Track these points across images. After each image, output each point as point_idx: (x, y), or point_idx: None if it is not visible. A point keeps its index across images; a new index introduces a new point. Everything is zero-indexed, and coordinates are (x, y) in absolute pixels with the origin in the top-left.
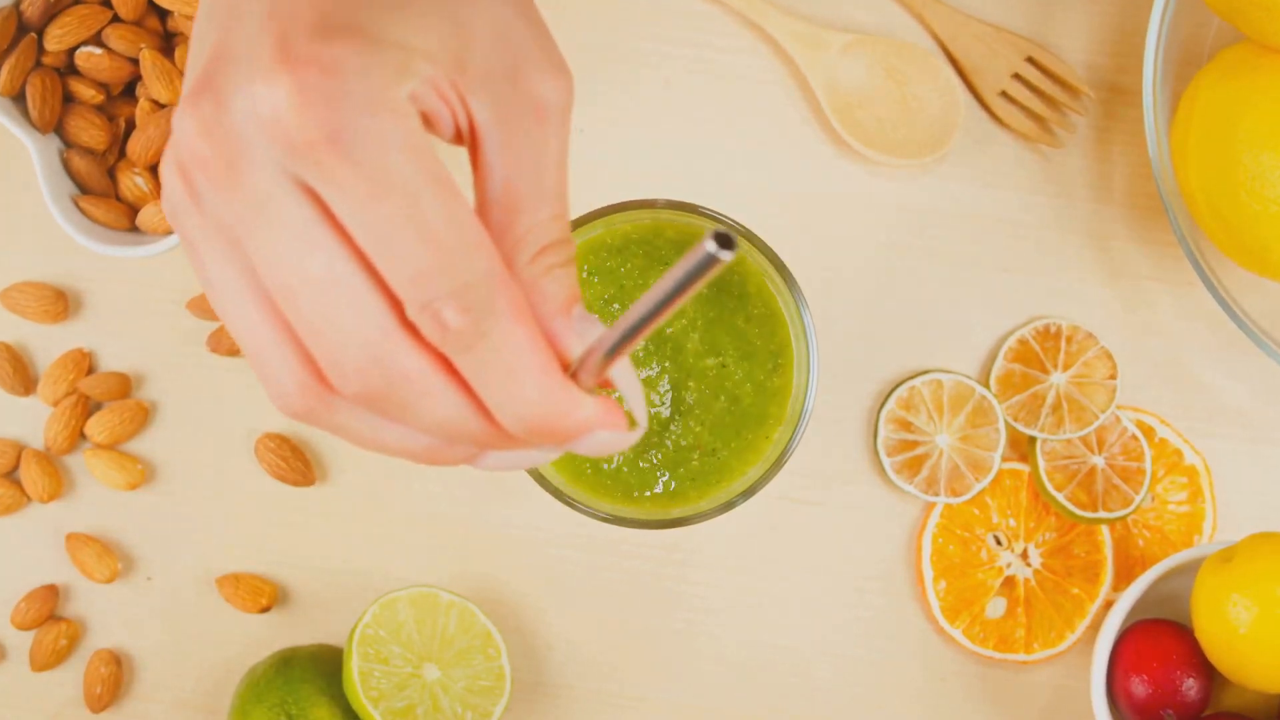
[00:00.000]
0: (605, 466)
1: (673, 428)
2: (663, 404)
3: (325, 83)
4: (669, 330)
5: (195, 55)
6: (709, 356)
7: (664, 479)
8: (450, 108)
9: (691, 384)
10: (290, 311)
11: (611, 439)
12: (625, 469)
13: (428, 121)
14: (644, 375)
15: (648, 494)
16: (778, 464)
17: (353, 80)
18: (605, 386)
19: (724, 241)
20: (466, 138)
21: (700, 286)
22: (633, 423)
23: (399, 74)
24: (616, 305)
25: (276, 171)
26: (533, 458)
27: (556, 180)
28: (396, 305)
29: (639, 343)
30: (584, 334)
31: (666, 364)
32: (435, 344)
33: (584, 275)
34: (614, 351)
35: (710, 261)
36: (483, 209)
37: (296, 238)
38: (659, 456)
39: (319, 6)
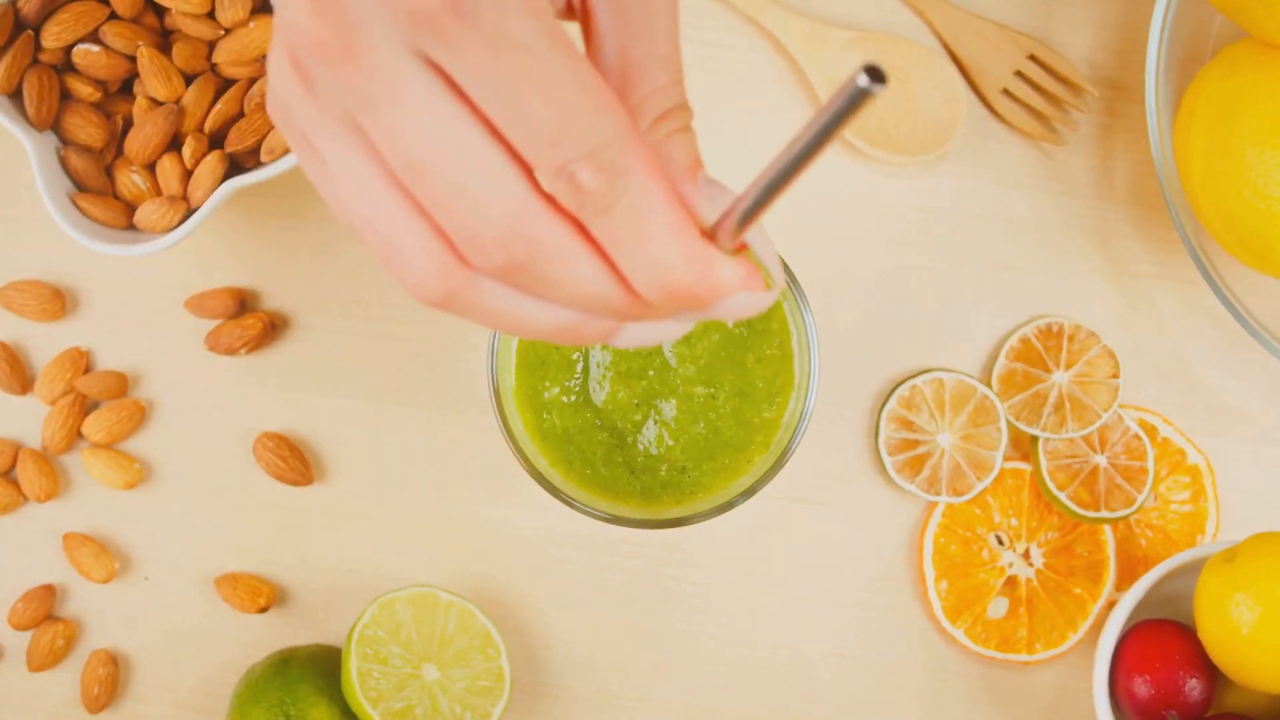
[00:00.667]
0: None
1: (645, 432)
2: (639, 409)
3: None
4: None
5: None
6: (700, 384)
7: (636, 485)
8: None
9: (674, 400)
10: (421, 190)
11: (752, 300)
12: (601, 468)
13: None
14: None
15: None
16: (778, 464)
17: None
18: (739, 249)
19: (875, 75)
20: (578, 8)
21: (849, 127)
22: (769, 283)
23: None
24: None
25: (398, 46)
26: (670, 330)
27: (670, 46)
28: (530, 173)
29: (780, 198)
30: (712, 197)
31: (651, 375)
32: (572, 209)
33: None
34: (753, 211)
35: (862, 96)
36: (601, 66)
37: (424, 111)
38: (623, 457)
39: None
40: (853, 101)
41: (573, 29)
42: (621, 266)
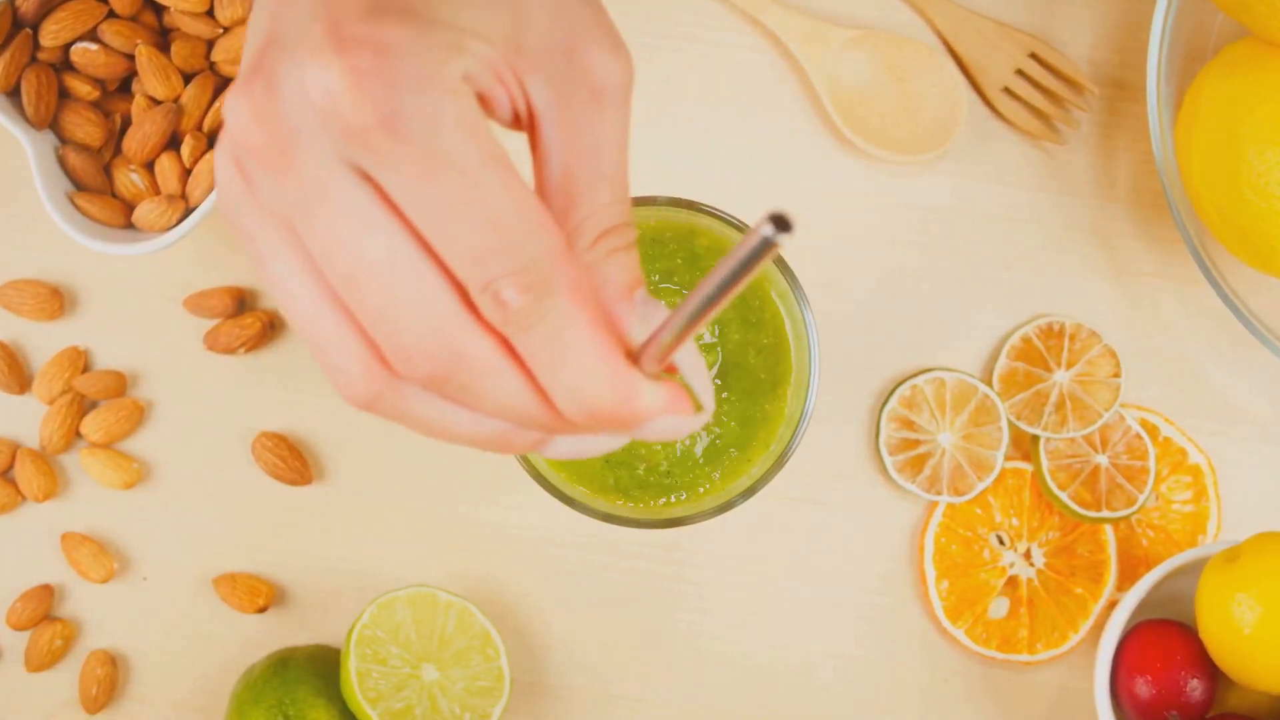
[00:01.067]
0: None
1: None
2: None
3: (378, 64)
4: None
5: (249, 42)
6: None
7: (636, 484)
8: (507, 89)
9: None
10: (351, 298)
11: (676, 424)
12: (601, 467)
13: (484, 103)
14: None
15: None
16: (779, 463)
17: (405, 61)
18: (669, 371)
19: (781, 224)
20: (524, 120)
21: (758, 271)
22: (698, 406)
23: (452, 54)
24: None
25: (331, 156)
26: (600, 444)
27: (617, 162)
28: (458, 287)
29: (701, 328)
30: (647, 318)
31: None
32: (497, 325)
33: None
34: (676, 338)
35: (766, 246)
36: (542, 193)
37: (354, 222)
38: (623, 456)
39: None
40: (757, 252)
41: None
42: (544, 385)
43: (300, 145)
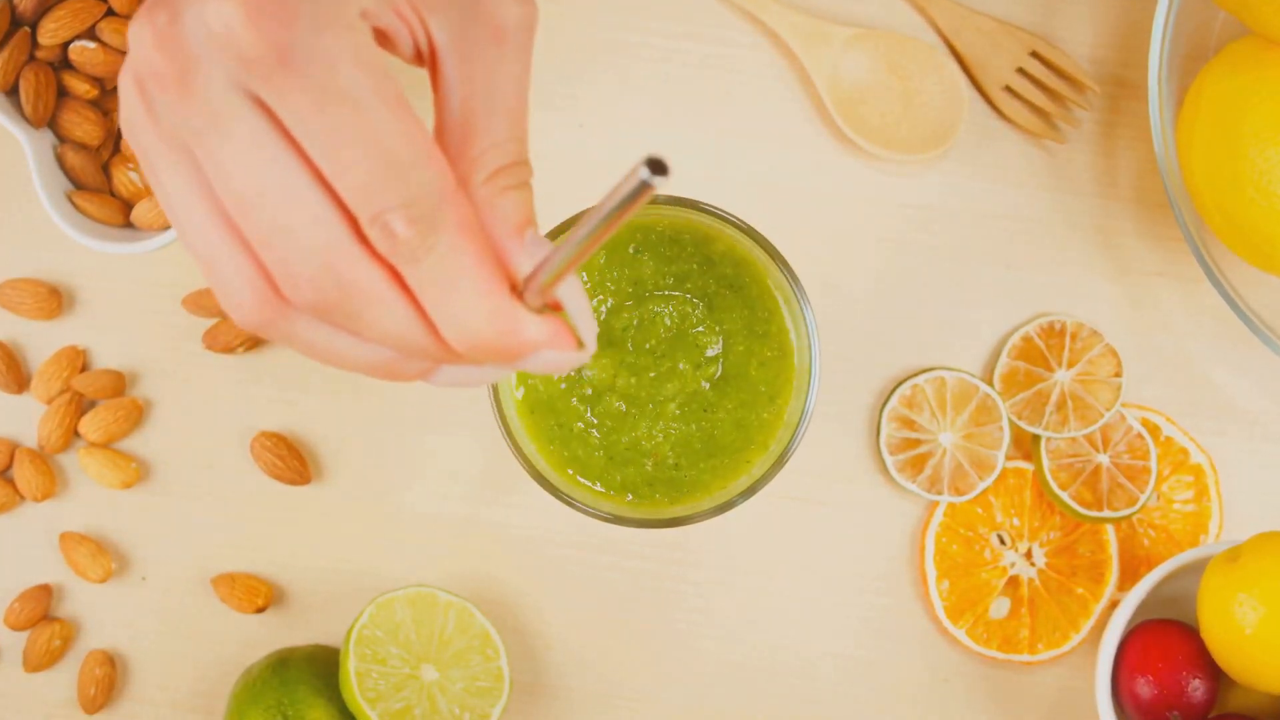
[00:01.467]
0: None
1: (645, 433)
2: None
3: (276, 1)
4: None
5: None
6: (704, 390)
7: (635, 484)
8: (409, 26)
9: (677, 401)
10: (243, 222)
11: (557, 359)
12: (601, 465)
13: (385, 39)
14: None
15: (629, 496)
16: (779, 463)
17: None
18: (553, 307)
19: (657, 168)
20: (426, 57)
21: (634, 213)
22: (580, 343)
23: None
24: (611, 302)
25: (229, 84)
26: (486, 374)
27: (515, 101)
28: (349, 217)
29: (578, 265)
30: (535, 255)
31: (652, 376)
32: (386, 255)
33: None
34: (557, 274)
35: (642, 189)
36: (441, 130)
37: (249, 148)
38: (623, 457)
39: None
40: (633, 194)
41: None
42: (430, 315)
43: (200, 72)
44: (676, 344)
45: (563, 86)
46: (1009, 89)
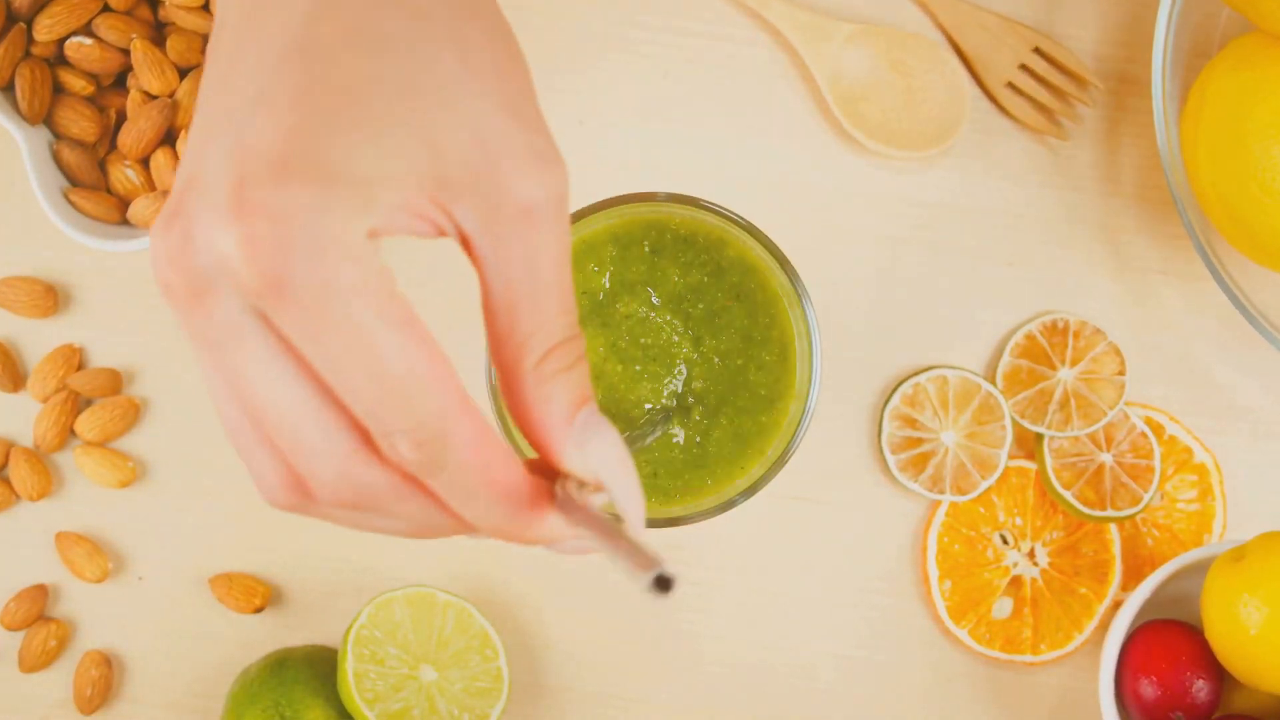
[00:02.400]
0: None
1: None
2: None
3: (273, 231)
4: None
5: (180, 168)
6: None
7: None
8: (433, 222)
9: (675, 403)
10: (263, 427)
11: (581, 545)
12: None
13: (413, 233)
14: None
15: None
16: (780, 462)
17: (301, 227)
18: (596, 488)
19: (662, 584)
20: (459, 242)
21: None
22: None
23: (356, 212)
24: (618, 303)
25: (239, 304)
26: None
27: (555, 277)
28: (362, 428)
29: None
30: (585, 441)
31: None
32: (401, 466)
33: (591, 269)
34: (580, 530)
35: (647, 588)
36: (488, 309)
37: (261, 364)
38: None
39: (285, 142)
40: (637, 580)
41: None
42: (453, 509)
43: (211, 291)
44: (665, 364)
45: (563, 82)
46: (1012, 85)
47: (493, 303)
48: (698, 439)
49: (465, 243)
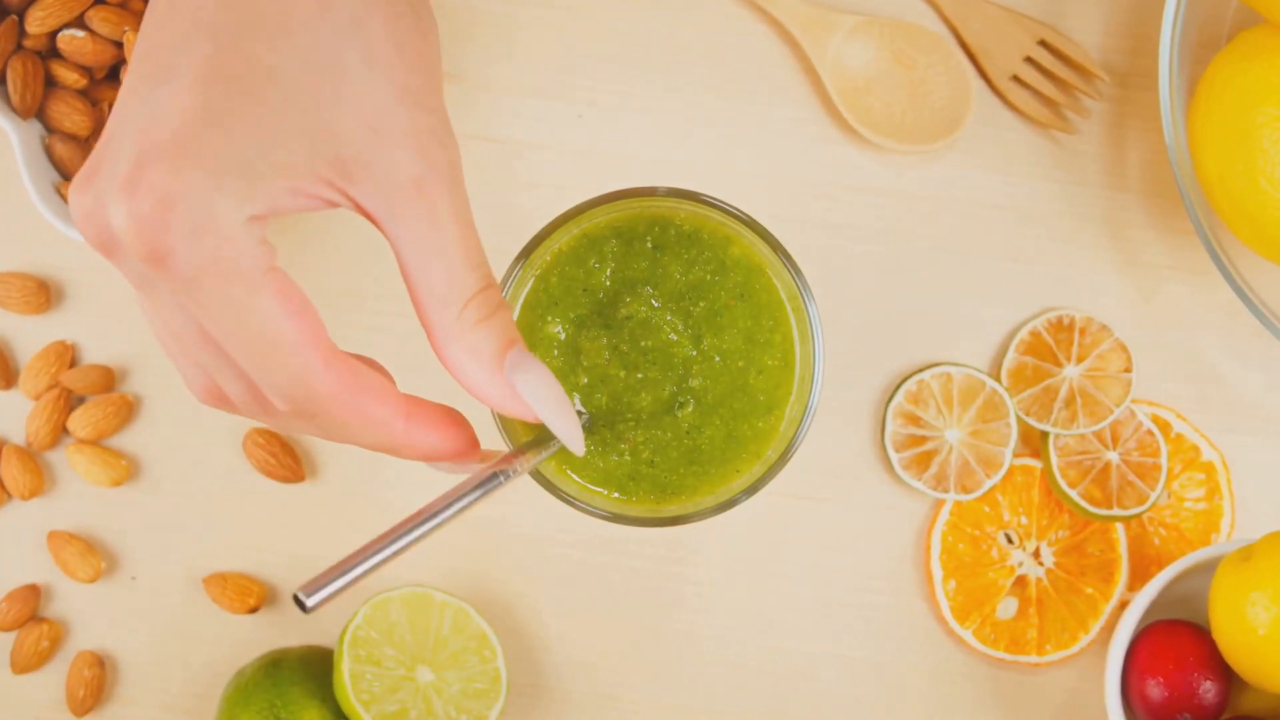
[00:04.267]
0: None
1: (639, 434)
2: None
3: (158, 212)
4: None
5: (109, 121)
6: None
7: (631, 481)
8: (327, 200)
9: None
10: (184, 350)
11: (565, 433)
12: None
13: (305, 209)
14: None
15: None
16: (782, 460)
17: (184, 211)
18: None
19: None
20: (371, 221)
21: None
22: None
23: (242, 199)
24: (619, 303)
25: (140, 263)
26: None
27: (458, 236)
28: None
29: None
30: (516, 381)
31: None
32: None
33: (592, 265)
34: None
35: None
36: (406, 280)
37: (168, 309)
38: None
39: (184, 125)
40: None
41: None
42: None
43: (119, 249)
44: (664, 364)
45: (561, 76)
46: (1017, 78)
47: (407, 271)
48: (688, 432)
49: (373, 220)
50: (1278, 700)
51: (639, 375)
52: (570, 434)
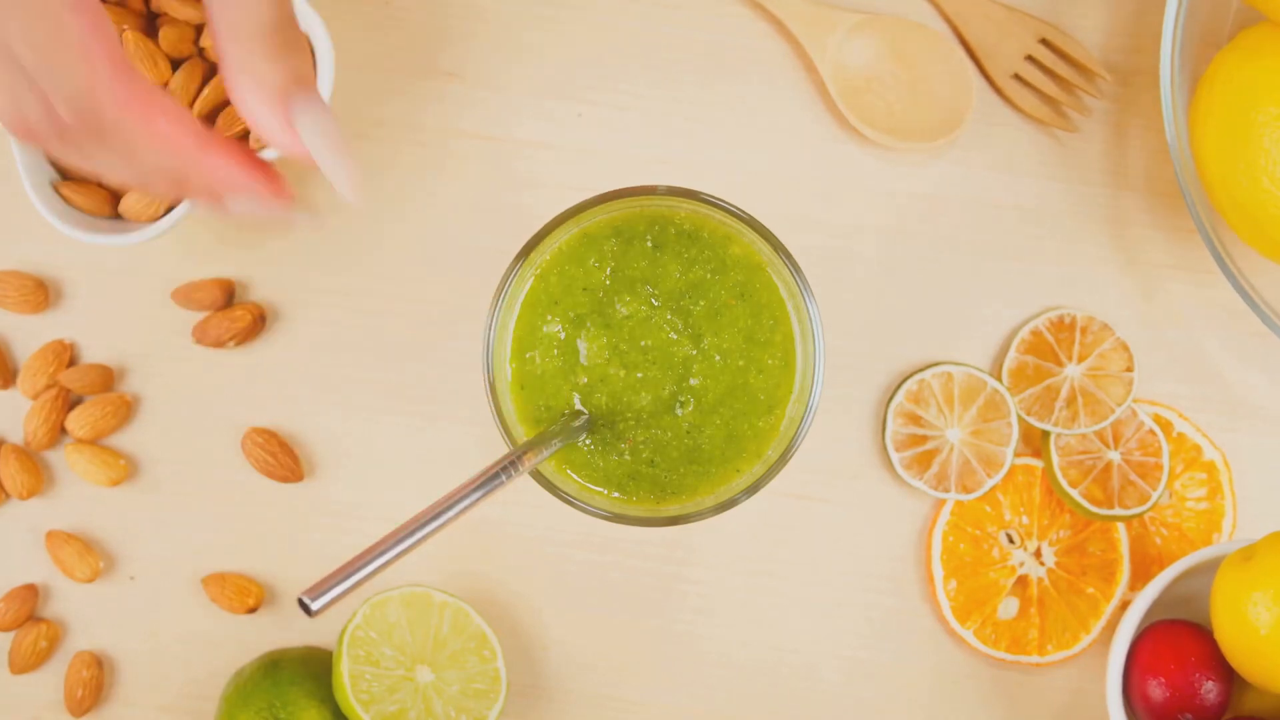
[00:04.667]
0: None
1: (638, 434)
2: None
3: None
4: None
5: None
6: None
7: (630, 481)
8: None
9: (671, 404)
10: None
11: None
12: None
13: None
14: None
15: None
16: (782, 459)
17: None
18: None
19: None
20: None
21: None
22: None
23: None
24: (619, 303)
25: None
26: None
27: None
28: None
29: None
30: (295, 118)
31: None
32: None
33: (591, 264)
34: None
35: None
36: (208, 12)
37: None
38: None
39: None
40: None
41: None
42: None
43: None
44: (664, 363)
45: (561, 75)
46: (1018, 77)
47: (210, 4)
48: (688, 432)
49: None
50: (1279, 700)
51: (639, 374)
52: (344, 179)
